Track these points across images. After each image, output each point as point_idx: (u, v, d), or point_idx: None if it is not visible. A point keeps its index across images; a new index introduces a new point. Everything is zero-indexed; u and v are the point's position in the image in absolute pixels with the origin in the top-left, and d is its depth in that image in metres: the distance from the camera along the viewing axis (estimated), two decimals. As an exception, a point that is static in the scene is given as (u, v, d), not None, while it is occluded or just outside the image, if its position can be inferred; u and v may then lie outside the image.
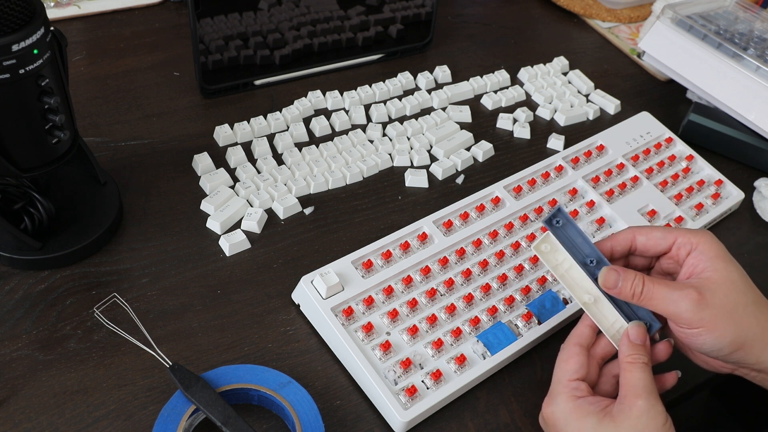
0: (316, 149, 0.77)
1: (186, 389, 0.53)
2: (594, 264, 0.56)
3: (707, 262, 0.53)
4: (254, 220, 0.69)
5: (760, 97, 0.83)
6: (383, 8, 0.88)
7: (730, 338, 0.51)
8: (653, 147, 0.82)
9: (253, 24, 0.79)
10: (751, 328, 0.51)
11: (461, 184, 0.78)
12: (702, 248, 0.53)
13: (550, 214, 0.57)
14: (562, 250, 0.57)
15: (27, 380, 0.55)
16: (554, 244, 0.57)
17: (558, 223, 0.57)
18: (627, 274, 0.53)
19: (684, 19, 0.89)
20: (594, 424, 0.50)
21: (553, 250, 0.57)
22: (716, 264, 0.52)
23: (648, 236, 0.56)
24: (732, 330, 0.51)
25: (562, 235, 0.57)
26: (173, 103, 0.81)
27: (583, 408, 0.51)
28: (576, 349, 0.54)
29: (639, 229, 0.57)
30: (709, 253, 0.53)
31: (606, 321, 0.56)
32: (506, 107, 0.90)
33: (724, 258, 0.53)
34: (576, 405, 0.51)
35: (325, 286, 0.60)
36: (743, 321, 0.51)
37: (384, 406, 0.56)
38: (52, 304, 0.61)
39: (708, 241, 0.54)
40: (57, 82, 0.56)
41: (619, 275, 0.53)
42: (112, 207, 0.67)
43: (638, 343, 0.53)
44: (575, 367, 0.53)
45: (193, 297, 0.63)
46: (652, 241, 0.56)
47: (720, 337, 0.51)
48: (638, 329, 0.54)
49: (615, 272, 0.53)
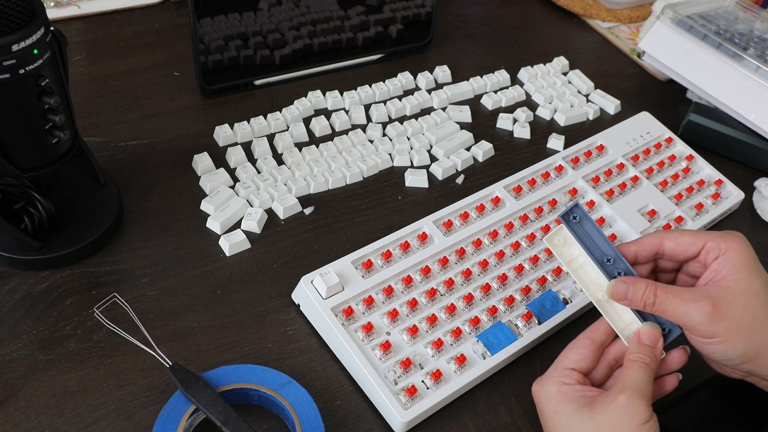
0: (316, 149, 0.77)
1: (186, 389, 0.53)
2: (612, 263, 0.55)
3: (731, 270, 0.51)
4: (254, 220, 0.69)
5: (760, 97, 0.83)
6: (383, 8, 0.88)
7: (743, 350, 0.50)
8: (653, 147, 0.82)
9: (253, 24, 0.79)
10: (766, 343, 0.50)
11: (461, 184, 0.78)
12: (730, 254, 0.52)
13: (567, 209, 0.56)
14: (577, 245, 0.55)
15: (27, 380, 0.55)
16: (568, 238, 0.56)
17: (575, 219, 0.56)
18: (638, 285, 0.52)
19: (684, 19, 0.89)
20: (571, 411, 0.50)
21: (567, 244, 0.56)
22: (739, 274, 0.51)
23: (676, 241, 0.54)
24: (746, 343, 0.50)
25: (578, 230, 0.56)
26: (173, 103, 0.81)
27: (566, 394, 0.51)
28: (585, 341, 0.54)
29: (667, 234, 0.55)
30: (736, 261, 0.51)
31: (621, 321, 0.55)
32: (506, 107, 0.90)
33: (748, 268, 0.51)
34: (560, 390, 0.51)
35: (325, 286, 0.60)
36: (759, 334, 0.50)
37: (384, 406, 0.56)
38: (52, 304, 0.61)
39: (738, 247, 0.52)
40: (57, 82, 0.56)
41: (629, 286, 0.52)
42: (112, 207, 0.67)
43: (647, 344, 0.52)
44: (576, 357, 0.53)
45: (193, 297, 0.63)
46: (680, 246, 0.54)
47: (732, 349, 0.50)
48: (651, 330, 0.53)
49: (624, 283, 0.52)
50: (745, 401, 1.02)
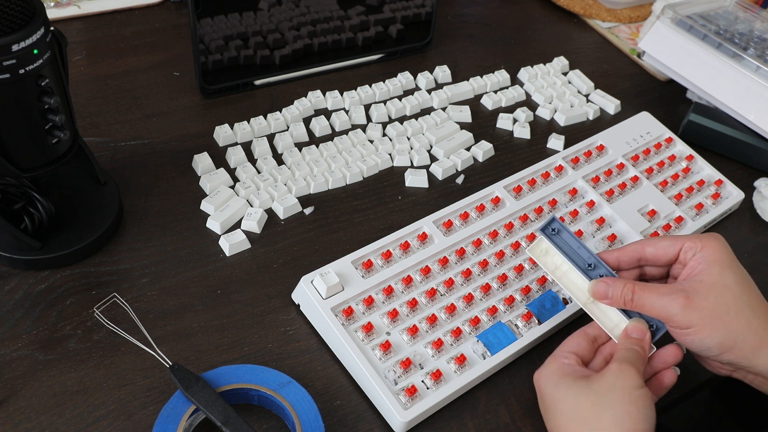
0: (316, 149, 0.77)
1: (186, 389, 0.53)
2: (593, 268, 0.58)
3: (705, 266, 0.55)
4: (254, 220, 0.69)
5: (760, 97, 0.83)
6: (383, 8, 0.88)
7: (719, 340, 0.52)
8: (653, 147, 0.82)
9: (253, 24, 0.79)
10: (742, 332, 0.52)
11: (461, 184, 0.78)
12: (705, 252, 0.55)
13: (545, 223, 0.60)
14: (558, 254, 0.59)
15: (27, 380, 0.55)
16: (549, 249, 0.59)
17: (554, 231, 0.60)
18: (616, 284, 0.56)
19: (684, 19, 0.89)
20: (570, 382, 0.52)
21: (550, 255, 0.60)
22: (713, 269, 0.54)
23: (656, 246, 0.58)
24: (721, 332, 0.52)
25: (558, 240, 0.60)
26: (173, 103, 0.81)
27: (565, 370, 0.54)
28: (581, 333, 0.57)
29: (648, 240, 0.59)
30: (710, 258, 0.55)
31: (609, 322, 0.57)
32: (506, 107, 0.90)
33: (722, 263, 0.55)
34: (559, 367, 0.54)
35: (325, 286, 0.60)
36: (733, 324, 0.52)
37: (384, 406, 0.56)
38: (52, 304, 0.61)
39: (712, 245, 0.55)
40: (57, 82, 0.56)
41: (608, 285, 0.56)
42: (112, 207, 0.67)
43: (635, 336, 0.55)
44: (572, 344, 0.56)
45: (193, 297, 0.63)
46: (660, 250, 0.58)
47: (707, 338, 0.53)
48: (637, 325, 0.56)
49: (603, 283, 0.56)
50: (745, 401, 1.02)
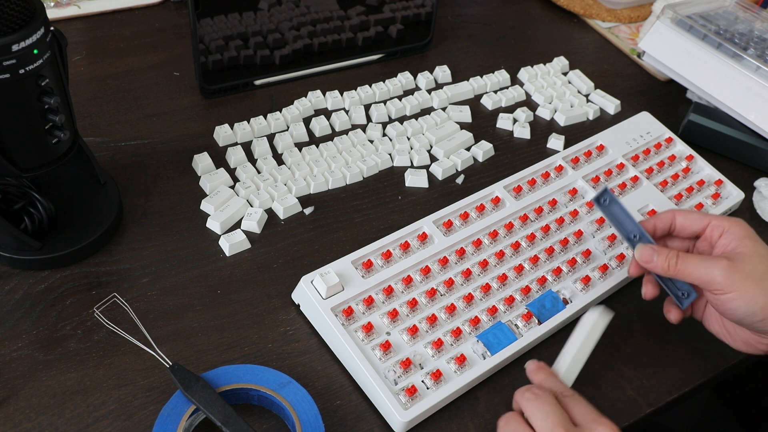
0: (316, 149, 0.77)
1: (186, 389, 0.53)
2: (637, 239, 0.62)
3: (737, 242, 0.58)
4: (254, 220, 0.69)
5: (760, 97, 0.83)
6: (383, 8, 0.88)
7: (762, 303, 0.54)
8: (653, 147, 0.82)
9: (253, 24, 0.79)
10: None
11: (461, 184, 0.78)
12: (733, 230, 0.58)
13: (597, 194, 0.63)
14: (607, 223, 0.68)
15: (27, 380, 0.55)
16: None
17: (605, 202, 0.63)
18: (661, 250, 0.59)
19: (684, 19, 0.89)
20: None
21: None
22: (745, 242, 0.57)
23: (686, 216, 0.61)
24: (764, 295, 0.54)
25: (608, 212, 0.63)
26: (173, 103, 0.81)
27: None
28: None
29: (678, 210, 0.63)
30: (740, 234, 0.58)
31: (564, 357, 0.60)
32: (506, 107, 0.90)
33: (753, 238, 0.58)
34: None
35: (325, 286, 0.60)
36: None
37: (384, 406, 0.56)
38: (52, 304, 0.61)
39: (739, 224, 0.59)
40: (57, 82, 0.56)
41: (654, 251, 0.59)
42: (112, 207, 0.67)
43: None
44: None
45: (193, 297, 0.63)
46: (689, 221, 0.61)
47: (751, 301, 0.54)
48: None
49: (650, 248, 0.59)
50: (745, 401, 1.02)
